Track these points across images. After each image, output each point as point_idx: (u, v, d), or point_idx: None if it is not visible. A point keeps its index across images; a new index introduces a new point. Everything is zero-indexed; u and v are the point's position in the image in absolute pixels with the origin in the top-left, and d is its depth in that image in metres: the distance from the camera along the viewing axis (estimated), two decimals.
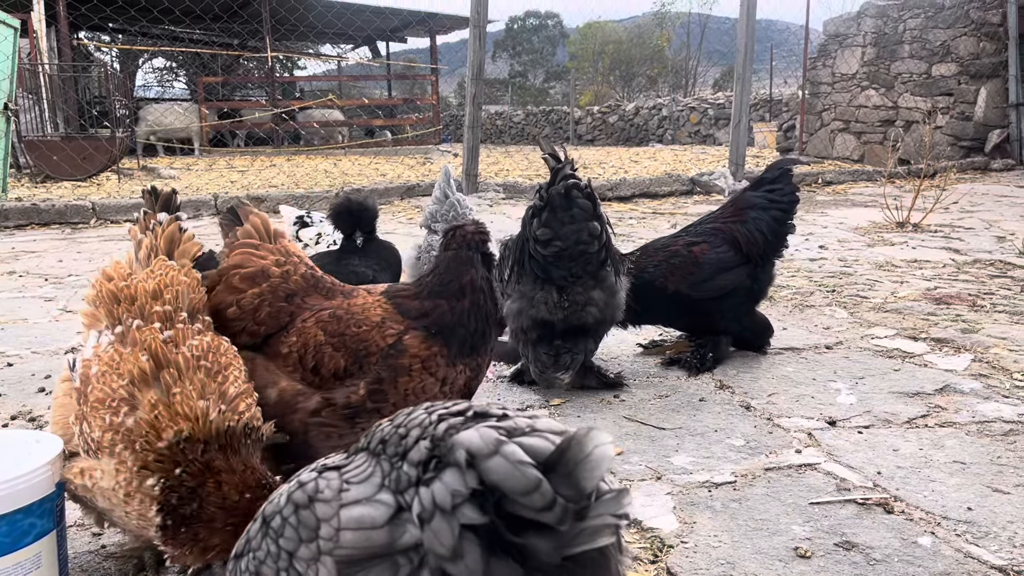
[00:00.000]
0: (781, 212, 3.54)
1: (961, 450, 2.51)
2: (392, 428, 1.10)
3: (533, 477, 0.92)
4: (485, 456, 0.94)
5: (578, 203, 2.85)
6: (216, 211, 9.35)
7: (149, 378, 1.65)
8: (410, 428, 1.06)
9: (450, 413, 1.05)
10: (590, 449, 0.93)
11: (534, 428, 1.00)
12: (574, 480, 0.93)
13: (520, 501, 0.92)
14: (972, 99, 12.92)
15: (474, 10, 9.78)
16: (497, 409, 1.07)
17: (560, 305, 2.96)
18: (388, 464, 1.06)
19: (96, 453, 1.62)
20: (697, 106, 27.30)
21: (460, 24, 22.85)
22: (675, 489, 2.29)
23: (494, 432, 0.97)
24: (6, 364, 3.59)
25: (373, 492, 1.04)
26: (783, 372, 3.33)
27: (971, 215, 8.13)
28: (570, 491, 0.93)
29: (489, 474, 0.94)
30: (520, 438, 0.97)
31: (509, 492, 0.93)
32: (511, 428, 0.99)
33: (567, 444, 0.94)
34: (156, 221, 2.02)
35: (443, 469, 0.98)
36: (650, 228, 7.72)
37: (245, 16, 21.93)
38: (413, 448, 1.03)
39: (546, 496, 0.92)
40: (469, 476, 0.95)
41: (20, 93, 11.60)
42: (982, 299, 4.48)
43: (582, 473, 0.93)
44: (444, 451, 0.99)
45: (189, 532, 1.55)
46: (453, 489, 0.95)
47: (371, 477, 1.06)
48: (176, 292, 1.86)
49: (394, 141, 22.46)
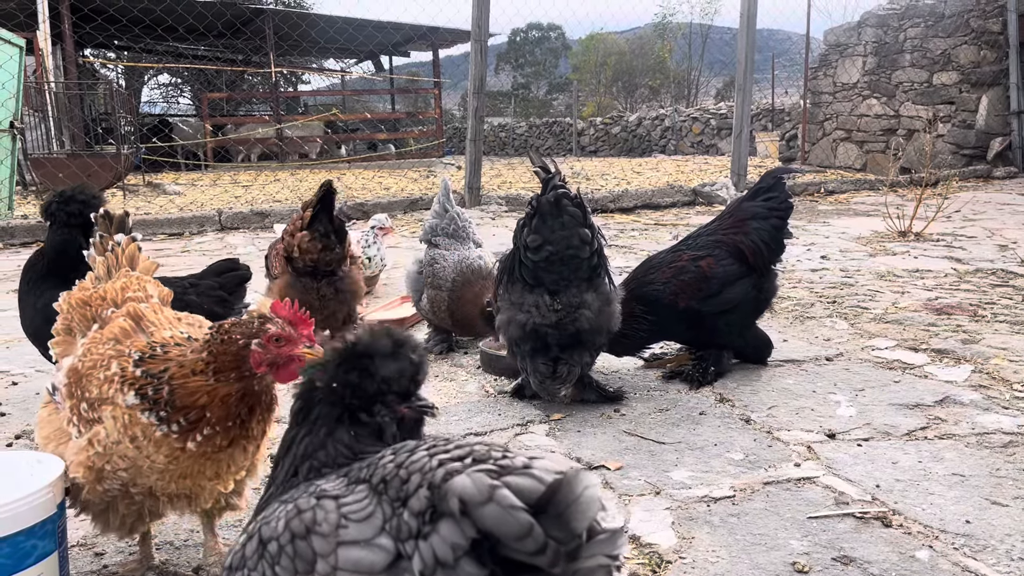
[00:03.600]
0: (780, 220, 3.57)
1: (960, 462, 2.51)
2: (394, 467, 1.10)
3: (525, 522, 0.94)
4: (478, 504, 0.96)
5: (568, 210, 2.88)
6: (220, 226, 9.40)
7: (131, 332, 1.82)
8: (411, 472, 1.07)
9: (451, 458, 1.06)
10: (580, 491, 0.95)
11: (528, 467, 1.01)
12: (564, 521, 0.94)
13: (513, 546, 0.94)
14: (974, 107, 12.94)
15: (475, 24, 9.84)
16: (497, 450, 1.07)
17: (552, 308, 2.94)
18: (389, 508, 1.06)
19: (97, 409, 1.73)
20: (699, 116, 27.33)
21: (462, 38, 22.96)
22: (674, 504, 2.30)
23: (487, 478, 0.98)
24: (11, 383, 3.62)
25: (372, 535, 1.04)
26: (783, 384, 3.33)
27: (973, 223, 8.13)
28: (561, 533, 0.94)
29: (483, 521, 0.95)
30: (512, 478, 0.98)
31: (503, 538, 0.94)
32: (505, 466, 1.00)
33: (557, 486, 0.96)
34: (114, 242, 2.12)
35: (439, 520, 0.99)
36: (652, 240, 7.74)
37: (248, 32, 22.08)
38: (414, 496, 1.03)
39: (538, 540, 0.93)
40: (465, 525, 0.96)
41: (26, 111, 11.70)
42: (983, 309, 4.48)
43: (572, 515, 0.94)
44: (438, 499, 1.00)
45: (190, 416, 1.67)
46: (453, 542, 0.97)
47: (371, 518, 1.06)
48: (144, 286, 2.01)
49: (397, 154, 22.55)
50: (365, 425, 1.29)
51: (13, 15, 14.71)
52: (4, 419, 3.15)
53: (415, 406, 1.33)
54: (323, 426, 1.29)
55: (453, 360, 3.89)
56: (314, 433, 1.29)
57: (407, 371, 1.30)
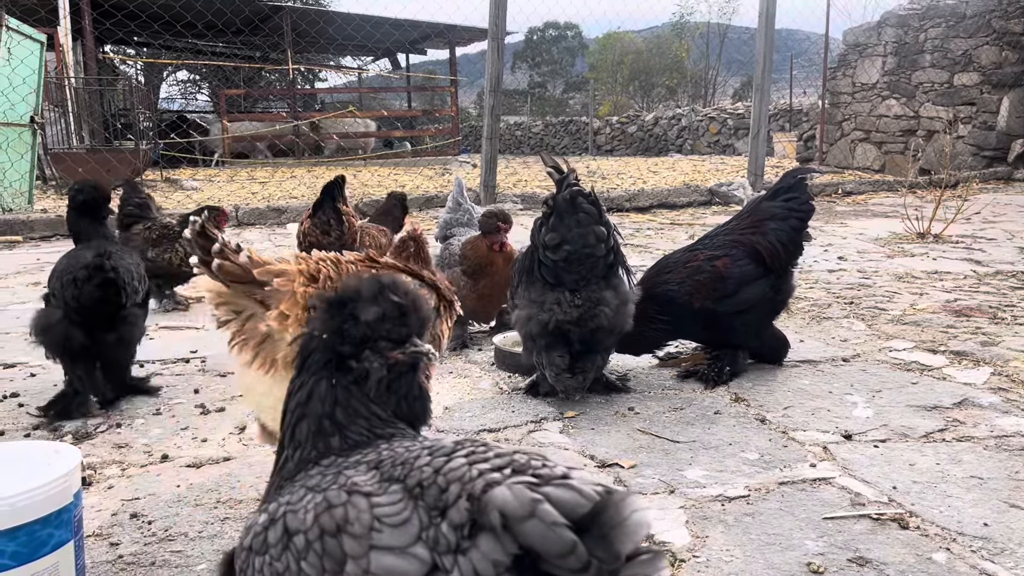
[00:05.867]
0: (799, 221, 3.53)
1: (978, 465, 2.48)
2: (432, 472, 1.07)
3: (569, 540, 0.92)
4: (520, 519, 0.94)
5: (583, 208, 2.91)
6: (237, 222, 9.44)
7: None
8: (450, 480, 1.04)
9: (490, 467, 1.03)
10: (627, 514, 0.93)
11: (567, 477, 0.99)
12: (609, 543, 0.93)
13: (555, 563, 0.93)
14: (995, 108, 12.80)
15: (492, 23, 9.84)
16: (537, 459, 1.05)
17: (573, 304, 2.97)
18: (426, 516, 1.03)
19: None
20: (716, 116, 27.22)
21: (479, 36, 22.96)
22: (688, 503, 2.28)
23: (527, 491, 0.96)
24: (29, 374, 3.65)
25: (408, 543, 1.01)
26: (799, 385, 3.31)
27: (993, 225, 8.05)
28: (604, 553, 0.92)
29: (525, 537, 0.93)
30: (552, 489, 0.96)
31: (544, 555, 0.93)
32: (544, 476, 0.99)
33: (604, 505, 0.94)
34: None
35: (479, 533, 0.97)
36: (668, 239, 7.71)
37: (267, 29, 22.16)
38: (453, 507, 1.01)
39: (581, 559, 0.92)
40: (506, 541, 0.94)
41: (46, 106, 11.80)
42: (1003, 311, 4.44)
43: (618, 537, 0.93)
44: (478, 511, 0.98)
45: None
46: (495, 559, 0.95)
47: (407, 524, 1.03)
48: None
49: (413, 152, 22.59)
50: (351, 371, 1.27)
51: (34, 11, 14.82)
52: (23, 410, 3.18)
53: (408, 352, 1.30)
54: (314, 375, 1.28)
55: (467, 357, 3.89)
56: (306, 386, 1.28)
57: (391, 313, 1.27)
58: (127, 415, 3.10)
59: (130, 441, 2.84)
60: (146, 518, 2.23)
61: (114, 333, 3.08)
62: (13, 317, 4.85)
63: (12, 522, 1.58)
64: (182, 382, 3.50)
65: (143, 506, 2.31)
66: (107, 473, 2.56)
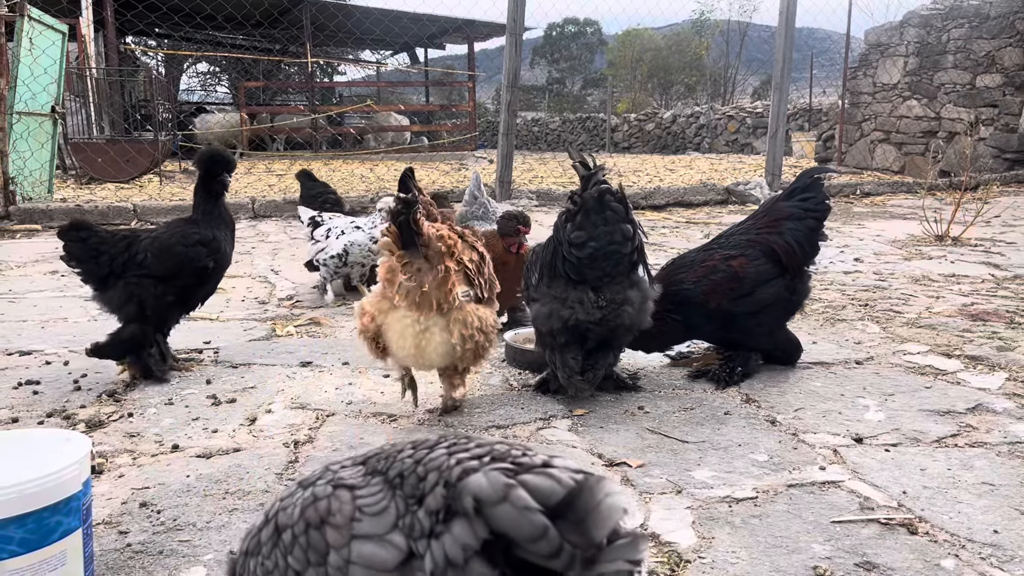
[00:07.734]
0: (816, 221, 3.51)
1: (991, 471, 2.46)
2: (412, 463, 1.08)
3: (540, 524, 0.91)
4: (492, 503, 0.93)
5: (611, 206, 2.90)
6: (253, 214, 9.49)
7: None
8: (429, 469, 1.04)
9: (469, 456, 1.03)
10: (600, 498, 0.92)
11: (547, 465, 0.99)
12: (584, 529, 0.92)
13: (527, 548, 0.92)
14: (1017, 111, 12.66)
15: (510, 18, 9.82)
16: (518, 449, 1.05)
17: (597, 304, 2.96)
18: (403, 504, 1.04)
19: None
20: (735, 115, 27.06)
21: (498, 31, 22.90)
22: (695, 503, 2.28)
23: (502, 477, 0.95)
24: (44, 362, 3.68)
25: (384, 531, 1.03)
26: (811, 387, 3.29)
27: (1013, 229, 7.96)
28: (579, 539, 0.91)
29: (496, 521, 0.93)
30: (528, 476, 0.95)
31: (516, 539, 0.92)
32: (523, 464, 0.98)
33: (578, 491, 0.93)
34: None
35: (452, 518, 0.97)
36: (683, 238, 7.68)
37: (286, 23, 22.25)
38: (430, 494, 1.01)
39: (552, 543, 0.91)
40: (478, 525, 0.94)
41: (67, 96, 11.90)
42: (1020, 316, 4.39)
43: (592, 522, 0.92)
44: (453, 497, 0.98)
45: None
46: (464, 543, 0.95)
47: (384, 512, 1.05)
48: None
49: (430, 147, 22.61)
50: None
51: (56, 1, 14.94)
52: (37, 397, 3.21)
53: None
54: None
55: None
56: None
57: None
58: (139, 404, 3.13)
59: (141, 430, 2.86)
60: (155, 507, 2.25)
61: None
62: (31, 305, 4.89)
63: (21, 509, 1.60)
64: (194, 372, 3.53)
65: (152, 495, 2.33)
66: (118, 462, 2.58)
